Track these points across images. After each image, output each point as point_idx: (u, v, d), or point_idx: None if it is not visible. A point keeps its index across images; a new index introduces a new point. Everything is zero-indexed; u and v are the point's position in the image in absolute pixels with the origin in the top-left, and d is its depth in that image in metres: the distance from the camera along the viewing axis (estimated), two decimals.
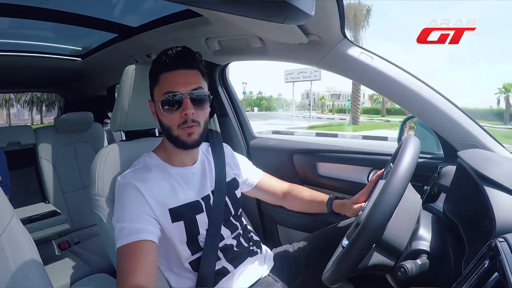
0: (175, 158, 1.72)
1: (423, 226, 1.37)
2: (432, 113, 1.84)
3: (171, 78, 1.59)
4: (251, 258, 1.84)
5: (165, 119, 1.60)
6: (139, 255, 1.41)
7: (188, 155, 1.75)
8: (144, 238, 1.45)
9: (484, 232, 1.27)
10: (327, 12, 1.62)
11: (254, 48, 2.25)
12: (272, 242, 2.58)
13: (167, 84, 1.58)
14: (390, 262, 1.32)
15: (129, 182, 1.55)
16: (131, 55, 3.00)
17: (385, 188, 1.24)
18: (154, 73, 1.64)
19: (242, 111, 2.93)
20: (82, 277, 1.74)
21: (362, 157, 2.33)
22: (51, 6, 2.45)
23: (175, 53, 1.60)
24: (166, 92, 1.56)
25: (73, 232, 3.61)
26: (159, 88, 1.60)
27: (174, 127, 1.59)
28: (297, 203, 2.12)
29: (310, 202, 2.07)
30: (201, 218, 1.67)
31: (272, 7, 0.88)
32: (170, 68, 1.59)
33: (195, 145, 1.65)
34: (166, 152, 1.72)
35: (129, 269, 1.38)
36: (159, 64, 1.61)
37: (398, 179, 1.24)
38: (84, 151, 3.84)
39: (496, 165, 1.33)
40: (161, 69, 1.61)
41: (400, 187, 1.22)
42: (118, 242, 1.45)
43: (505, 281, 0.76)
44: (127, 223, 1.47)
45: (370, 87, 1.96)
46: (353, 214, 1.81)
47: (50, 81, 4.36)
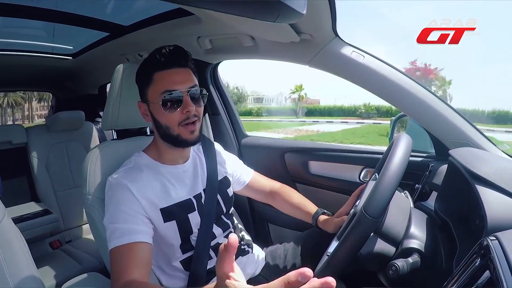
0: (167, 157, 1.70)
1: (414, 225, 1.38)
2: (424, 112, 1.85)
3: (167, 77, 1.57)
4: (242, 258, 1.84)
5: (165, 119, 1.58)
6: (133, 256, 1.41)
7: (181, 153, 1.74)
8: (138, 240, 1.44)
9: (475, 230, 1.28)
10: (319, 10, 1.62)
11: (246, 47, 2.24)
12: (263, 241, 2.57)
13: (164, 83, 1.56)
14: (392, 248, 1.32)
15: (120, 182, 1.54)
16: (122, 54, 2.99)
17: (379, 180, 1.24)
18: (146, 72, 1.61)
19: (234, 110, 2.92)
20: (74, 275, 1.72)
21: (353, 155, 2.34)
22: (42, 5, 2.44)
23: (168, 51, 1.58)
24: (165, 91, 1.54)
25: (64, 231, 3.59)
26: (154, 87, 1.58)
27: (174, 126, 1.58)
28: (285, 206, 2.11)
29: (298, 209, 2.05)
30: (193, 216, 1.66)
31: (264, 5, 0.88)
32: (165, 67, 1.57)
33: (196, 142, 1.65)
34: (157, 151, 1.71)
35: (122, 269, 1.38)
36: (153, 62, 1.59)
37: (392, 172, 1.24)
38: (76, 150, 3.81)
39: (487, 163, 1.33)
40: (155, 68, 1.58)
41: (394, 179, 1.23)
42: (111, 243, 1.44)
43: (496, 279, 0.76)
44: (120, 224, 1.47)
45: (362, 86, 1.96)
46: (333, 230, 1.78)
47: (41, 80, 4.34)
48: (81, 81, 4.19)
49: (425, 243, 1.31)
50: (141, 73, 1.65)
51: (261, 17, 0.98)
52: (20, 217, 3.04)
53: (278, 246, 2.09)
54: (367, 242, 1.24)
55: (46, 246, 3.42)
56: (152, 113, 1.62)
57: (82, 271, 2.84)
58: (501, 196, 1.19)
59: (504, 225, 1.06)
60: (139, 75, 1.66)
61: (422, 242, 1.32)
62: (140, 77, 1.65)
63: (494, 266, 0.79)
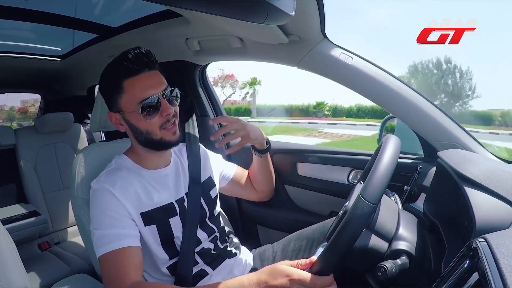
0: (148, 161, 1.70)
1: (403, 226, 1.38)
2: (412, 114, 1.85)
3: (140, 83, 1.54)
4: (229, 260, 1.83)
5: (144, 125, 1.56)
6: (126, 260, 1.43)
7: (161, 157, 1.74)
8: (127, 245, 1.45)
9: (464, 232, 1.28)
10: (307, 12, 1.62)
11: (234, 49, 2.24)
12: (252, 243, 2.57)
13: (137, 90, 1.53)
14: (384, 244, 1.32)
15: (102, 187, 1.54)
16: (111, 56, 2.90)
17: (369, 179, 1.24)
18: (114, 81, 1.57)
19: (222, 112, 2.91)
20: (62, 277, 1.72)
21: (342, 157, 2.33)
22: (30, 7, 2.43)
23: (135, 56, 1.54)
24: (142, 99, 1.52)
25: (53, 233, 3.58)
26: (127, 96, 1.55)
27: (155, 130, 1.57)
28: (254, 177, 2.20)
29: (252, 165, 2.18)
30: (174, 221, 1.66)
31: (253, 7, 0.88)
32: (135, 73, 1.54)
33: (179, 141, 1.65)
34: (137, 155, 1.70)
35: (120, 273, 1.41)
36: (120, 70, 1.55)
37: (381, 171, 1.24)
38: (64, 152, 3.80)
39: (475, 165, 1.34)
40: (123, 76, 1.54)
41: (384, 178, 1.23)
42: (100, 250, 1.45)
43: (485, 281, 0.76)
44: (107, 229, 1.47)
45: (350, 87, 1.96)
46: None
47: (29, 81, 4.31)
48: (69, 82, 4.17)
49: (413, 245, 1.32)
50: (108, 82, 1.62)
51: (249, 18, 0.98)
52: (9, 219, 3.03)
53: (266, 247, 2.09)
54: (360, 237, 1.24)
55: (34, 247, 3.41)
56: (128, 122, 1.60)
57: (71, 272, 2.85)
58: (490, 197, 1.19)
59: (493, 227, 1.06)
60: (105, 85, 1.64)
61: (410, 243, 1.32)
62: (107, 86, 1.63)
63: (483, 268, 0.79)
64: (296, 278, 1.30)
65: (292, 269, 1.33)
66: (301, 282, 1.30)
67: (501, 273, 0.74)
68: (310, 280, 1.29)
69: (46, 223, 3.25)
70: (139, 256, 1.49)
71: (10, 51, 3.38)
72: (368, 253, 1.31)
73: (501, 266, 0.76)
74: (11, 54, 3.40)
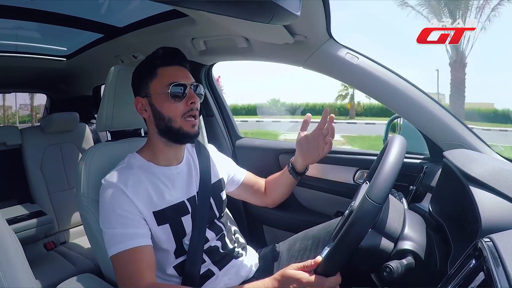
0: (161, 156, 1.71)
1: (409, 226, 1.37)
2: (418, 113, 1.85)
3: (172, 72, 1.64)
4: (236, 260, 1.83)
5: (169, 110, 1.60)
6: (140, 260, 1.45)
7: (176, 152, 1.75)
8: (140, 244, 1.47)
9: (469, 232, 1.28)
10: (313, 12, 1.62)
11: (240, 49, 2.24)
12: (258, 243, 2.56)
13: (169, 77, 1.61)
14: (390, 244, 1.32)
15: (113, 185, 1.54)
16: (117, 55, 2.99)
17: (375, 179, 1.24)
18: (150, 67, 1.65)
19: (228, 111, 2.92)
20: (68, 277, 1.72)
21: (348, 157, 2.33)
22: (36, 6, 2.43)
23: (171, 50, 1.69)
24: (171, 83, 1.59)
25: (59, 233, 3.57)
26: (159, 80, 1.62)
27: (177, 117, 1.60)
28: (272, 186, 2.18)
29: (279, 177, 2.15)
30: (186, 220, 1.66)
31: (258, 7, 0.88)
32: (169, 63, 1.65)
33: (196, 136, 1.67)
34: (152, 151, 1.71)
35: (134, 273, 1.44)
36: (157, 58, 1.65)
37: (386, 171, 1.24)
38: (70, 152, 3.79)
39: (481, 165, 1.33)
40: (159, 64, 1.64)
41: (390, 178, 1.23)
42: (112, 249, 1.46)
43: (491, 281, 0.76)
44: (119, 228, 1.48)
45: (356, 87, 1.96)
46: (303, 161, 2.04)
47: (35, 81, 4.32)
48: (75, 82, 4.18)
49: (419, 245, 1.31)
50: (144, 68, 1.68)
51: (255, 18, 0.99)
52: (14, 219, 3.03)
53: (272, 247, 2.08)
54: (366, 237, 1.24)
55: (40, 247, 3.40)
56: (153, 106, 1.63)
57: (77, 272, 2.82)
58: (495, 197, 1.19)
59: (498, 227, 1.06)
60: (141, 70, 1.70)
61: (416, 243, 1.31)
62: (141, 72, 1.69)
63: (489, 268, 0.79)
64: (305, 282, 1.31)
65: (301, 274, 1.34)
66: (310, 285, 1.31)
67: (507, 273, 0.74)
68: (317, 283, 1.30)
69: (52, 223, 3.25)
70: (152, 255, 1.50)
71: (16, 51, 3.39)
72: (374, 253, 1.31)
73: (507, 266, 0.76)
74: (17, 54, 3.41)
